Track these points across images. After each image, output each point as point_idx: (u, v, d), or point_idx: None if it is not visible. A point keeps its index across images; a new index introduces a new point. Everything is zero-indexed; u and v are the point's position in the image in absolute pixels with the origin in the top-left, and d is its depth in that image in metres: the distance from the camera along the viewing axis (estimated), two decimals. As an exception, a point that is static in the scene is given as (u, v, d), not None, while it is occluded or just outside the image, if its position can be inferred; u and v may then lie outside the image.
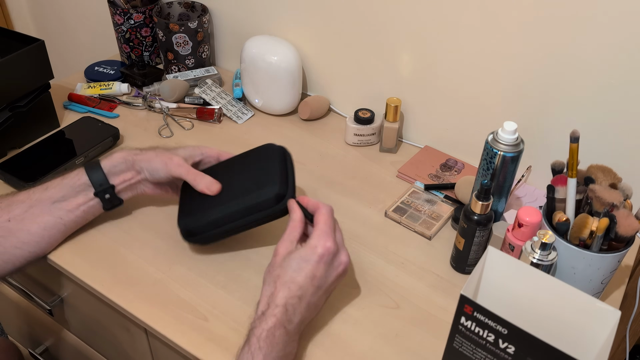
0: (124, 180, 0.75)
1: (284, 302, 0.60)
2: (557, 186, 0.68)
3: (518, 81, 0.87)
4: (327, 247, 0.63)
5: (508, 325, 0.51)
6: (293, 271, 0.62)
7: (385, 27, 0.96)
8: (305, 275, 0.62)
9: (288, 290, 0.61)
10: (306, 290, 0.62)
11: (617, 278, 0.77)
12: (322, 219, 0.66)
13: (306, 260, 0.62)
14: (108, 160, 0.75)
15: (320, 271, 0.63)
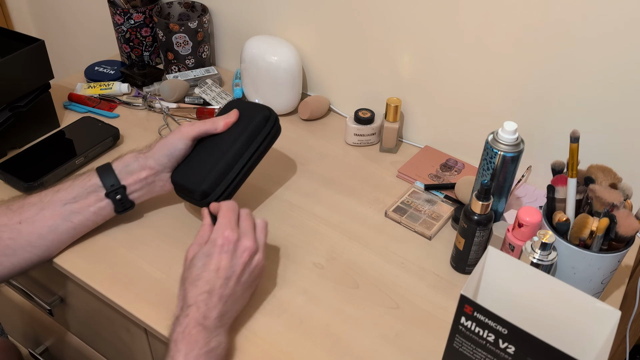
0: (138, 179, 0.75)
1: (194, 300, 0.60)
2: (557, 186, 0.68)
3: (518, 81, 0.87)
4: (225, 236, 0.64)
5: (508, 325, 0.51)
6: (197, 269, 0.63)
7: (385, 27, 0.96)
8: (210, 269, 0.62)
9: (195, 288, 0.61)
10: (214, 284, 0.62)
11: (617, 278, 0.77)
12: (221, 213, 0.67)
13: (208, 255, 0.63)
14: (119, 161, 0.75)
15: (223, 262, 0.63)
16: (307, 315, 0.70)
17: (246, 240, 0.65)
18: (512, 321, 0.50)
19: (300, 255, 0.78)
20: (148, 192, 0.78)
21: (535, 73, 0.85)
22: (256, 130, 0.80)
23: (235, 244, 0.64)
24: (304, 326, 0.68)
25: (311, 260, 0.78)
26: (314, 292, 0.73)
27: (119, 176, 0.74)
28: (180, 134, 0.76)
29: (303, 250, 0.79)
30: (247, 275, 0.65)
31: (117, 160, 0.75)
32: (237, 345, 0.66)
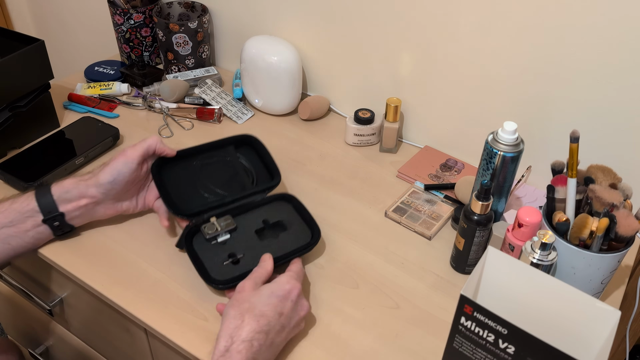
0: (77, 207, 0.73)
1: (251, 336, 0.58)
2: (557, 186, 0.68)
3: (518, 81, 0.87)
4: (296, 286, 0.65)
5: (508, 326, 0.51)
6: (263, 304, 0.61)
7: (385, 27, 0.96)
8: (274, 310, 0.61)
9: (257, 324, 0.59)
10: (273, 327, 0.60)
11: (617, 278, 0.77)
12: (295, 267, 0.69)
13: (276, 295, 0.62)
14: (59, 186, 0.72)
15: (287, 308, 0.62)
16: (307, 316, 0.70)
17: (305, 301, 0.66)
18: (512, 321, 0.50)
19: (300, 255, 0.78)
20: (89, 217, 0.76)
21: (535, 73, 0.85)
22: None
23: (299, 298, 0.65)
24: (305, 326, 0.68)
25: (311, 261, 0.78)
26: (314, 292, 0.73)
27: (57, 202, 0.71)
28: (124, 157, 0.73)
29: (303, 250, 0.79)
30: (293, 333, 0.65)
31: (57, 184, 0.72)
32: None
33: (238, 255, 0.73)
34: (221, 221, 0.75)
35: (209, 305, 0.70)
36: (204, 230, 0.73)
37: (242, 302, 0.61)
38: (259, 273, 0.67)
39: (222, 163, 0.83)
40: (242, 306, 0.61)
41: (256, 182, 0.82)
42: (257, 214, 0.78)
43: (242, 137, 0.85)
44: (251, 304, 0.61)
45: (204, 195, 0.78)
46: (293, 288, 0.64)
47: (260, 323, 0.59)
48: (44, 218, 0.71)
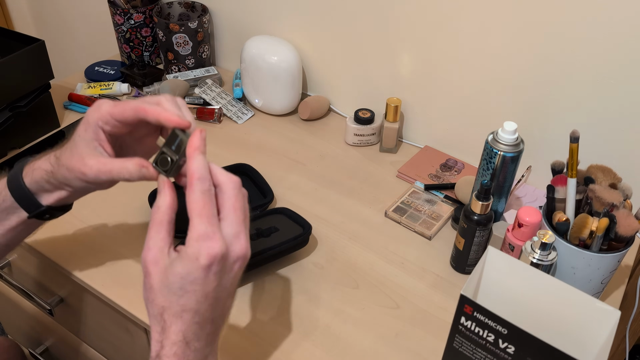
0: (59, 198, 0.58)
1: (182, 336, 0.47)
2: (557, 186, 0.68)
3: (518, 81, 0.87)
4: (212, 254, 0.46)
5: (508, 325, 0.51)
6: (179, 297, 0.47)
7: (385, 27, 0.96)
8: (197, 298, 0.47)
9: (182, 322, 0.47)
10: (204, 312, 0.48)
11: (617, 278, 0.77)
12: (195, 205, 0.47)
13: (191, 281, 0.46)
14: (31, 177, 0.58)
15: (212, 284, 0.47)
16: (307, 315, 0.70)
17: (238, 245, 0.49)
18: (512, 321, 0.50)
19: (300, 255, 0.78)
20: (81, 195, 0.60)
21: (535, 73, 0.85)
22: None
23: (224, 259, 0.47)
24: (304, 326, 0.68)
25: (311, 261, 0.78)
26: (314, 292, 0.73)
27: (37, 195, 0.58)
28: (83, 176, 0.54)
29: (303, 251, 0.79)
30: (237, 283, 0.52)
31: (29, 174, 0.58)
32: (237, 345, 0.66)
33: None
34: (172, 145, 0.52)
35: (209, 305, 0.70)
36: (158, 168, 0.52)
37: (154, 297, 0.47)
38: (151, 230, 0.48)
39: None
40: (156, 303, 0.47)
41: (250, 202, 0.84)
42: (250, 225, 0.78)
43: (237, 165, 0.89)
44: (164, 301, 0.47)
45: None
46: (209, 259, 0.46)
47: (186, 319, 0.47)
48: (29, 215, 0.59)
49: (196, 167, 0.48)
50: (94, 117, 0.53)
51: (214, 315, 0.50)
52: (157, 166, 0.51)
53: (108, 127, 0.53)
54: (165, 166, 0.51)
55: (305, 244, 0.77)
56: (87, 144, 0.53)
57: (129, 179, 0.52)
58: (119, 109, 0.52)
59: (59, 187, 0.58)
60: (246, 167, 0.89)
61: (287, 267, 0.76)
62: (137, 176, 0.52)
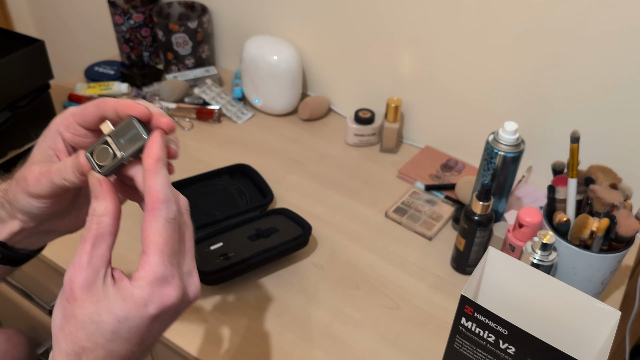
0: (11, 232, 0.47)
1: None
2: (557, 186, 0.68)
3: (519, 81, 0.87)
4: (166, 304, 0.38)
5: (508, 326, 0.51)
6: (108, 342, 0.37)
7: (385, 27, 0.96)
8: (130, 346, 0.38)
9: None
10: (132, 358, 0.39)
11: (617, 278, 0.77)
12: (156, 237, 0.39)
13: (129, 327, 0.37)
14: None
15: (152, 332, 0.39)
16: (307, 316, 0.70)
17: (192, 287, 0.41)
18: (512, 322, 0.50)
19: (300, 255, 0.78)
20: (46, 238, 0.51)
21: (535, 73, 0.85)
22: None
23: (176, 307, 0.39)
24: (304, 327, 0.68)
25: (311, 261, 0.78)
26: (314, 293, 0.73)
27: None
28: (25, 185, 0.45)
29: (303, 251, 0.79)
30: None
31: None
32: (237, 345, 0.66)
33: (229, 254, 0.73)
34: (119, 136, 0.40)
35: (208, 306, 0.70)
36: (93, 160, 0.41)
37: (74, 334, 0.37)
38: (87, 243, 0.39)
39: (217, 190, 0.86)
40: (75, 342, 0.37)
41: (250, 202, 0.85)
42: (250, 226, 0.78)
43: (237, 165, 0.89)
44: (88, 344, 0.37)
45: (198, 217, 0.79)
46: (159, 309, 0.38)
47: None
48: None
49: (160, 186, 0.38)
50: (55, 122, 0.45)
51: (141, 358, 0.41)
52: (91, 157, 0.40)
53: (68, 134, 0.44)
54: (103, 160, 0.39)
55: (305, 245, 0.77)
56: (42, 152, 0.45)
57: (66, 178, 0.42)
58: (81, 108, 0.43)
59: (11, 215, 0.47)
60: (246, 167, 0.89)
61: (287, 267, 0.76)
62: (71, 170, 0.41)
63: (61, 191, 0.44)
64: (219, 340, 0.66)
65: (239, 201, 0.84)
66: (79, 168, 0.41)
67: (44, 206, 0.45)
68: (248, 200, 0.85)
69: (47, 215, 0.46)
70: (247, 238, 0.76)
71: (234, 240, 0.75)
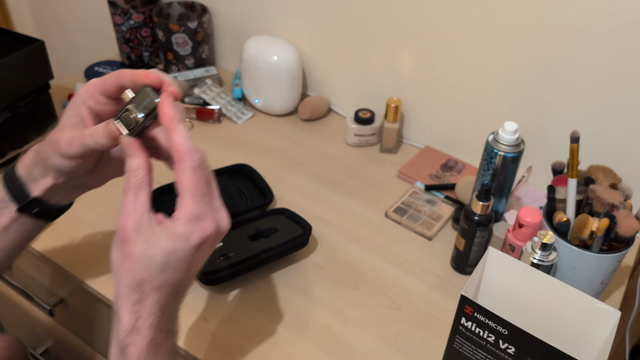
0: (45, 187, 0.54)
1: (158, 308, 0.46)
2: (557, 186, 0.68)
3: (519, 81, 0.87)
4: (204, 236, 0.46)
5: (508, 326, 0.51)
6: (161, 272, 0.45)
7: (385, 27, 0.96)
8: (179, 274, 0.46)
9: (160, 294, 0.46)
10: (183, 285, 0.48)
11: (617, 278, 0.77)
12: (188, 184, 0.45)
13: (177, 258, 0.45)
14: (21, 161, 0.55)
15: (196, 261, 0.48)
16: (307, 316, 0.70)
17: (223, 220, 0.48)
18: (512, 322, 0.50)
19: (300, 255, 0.78)
20: (75, 193, 0.59)
21: (535, 73, 0.85)
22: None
23: (213, 237, 0.47)
24: (304, 327, 0.68)
25: (311, 261, 0.78)
26: (314, 293, 0.73)
27: (27, 184, 0.55)
28: (58, 147, 0.52)
29: (303, 251, 0.79)
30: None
31: (21, 161, 0.56)
32: (237, 345, 0.66)
33: (229, 254, 0.73)
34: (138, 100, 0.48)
35: (208, 306, 0.70)
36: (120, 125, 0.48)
37: (131, 266, 0.45)
38: (130, 193, 0.46)
39: None
40: (134, 275, 0.45)
41: (250, 202, 0.85)
42: (250, 226, 0.78)
43: (236, 166, 0.89)
44: (144, 273, 0.45)
45: None
46: (200, 239, 0.46)
47: (164, 292, 0.46)
48: (18, 207, 0.55)
49: (181, 140, 0.45)
50: (79, 93, 0.52)
51: (189, 284, 0.49)
52: (119, 123, 0.47)
53: (92, 102, 0.51)
54: (129, 124, 0.47)
55: (305, 245, 0.77)
56: (69, 119, 0.52)
57: (98, 142, 0.49)
58: (102, 79, 0.50)
59: (44, 173, 0.54)
60: (246, 167, 0.89)
61: (287, 267, 0.76)
62: (103, 135, 0.48)
63: (91, 153, 0.51)
64: (219, 340, 0.66)
65: (239, 201, 0.84)
66: (111, 134, 0.48)
67: (73, 165, 0.52)
68: (248, 200, 0.85)
69: (76, 172, 0.54)
70: (247, 238, 0.76)
71: (234, 240, 0.75)
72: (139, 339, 0.46)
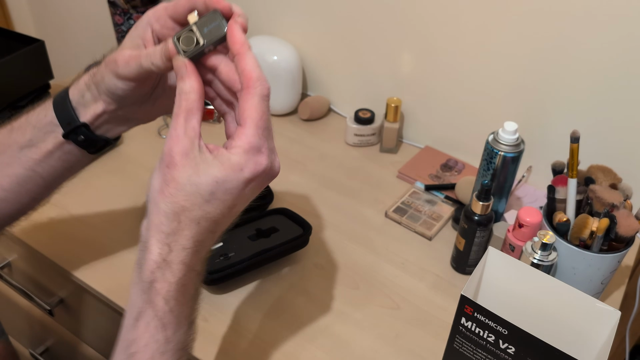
0: (95, 114, 0.53)
1: (193, 243, 0.43)
2: (557, 186, 0.68)
3: (519, 81, 0.87)
4: (258, 170, 0.43)
5: (508, 326, 0.51)
6: (205, 202, 0.42)
7: (385, 27, 0.96)
8: (222, 209, 0.43)
9: (198, 229, 0.43)
10: (222, 222, 0.45)
11: (617, 278, 0.77)
12: (253, 112, 0.43)
13: (225, 189, 0.42)
14: (76, 86, 0.54)
15: (243, 198, 0.45)
16: (308, 316, 0.70)
17: (276, 161, 0.46)
18: (512, 322, 0.50)
19: (300, 255, 0.78)
20: (123, 125, 0.56)
21: (535, 73, 0.85)
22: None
23: (265, 175, 0.45)
24: (304, 327, 0.68)
25: (311, 261, 0.78)
26: (314, 293, 0.73)
27: (77, 109, 0.53)
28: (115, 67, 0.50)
29: (303, 251, 0.79)
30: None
31: (75, 84, 0.55)
32: (237, 345, 0.66)
33: (229, 254, 0.73)
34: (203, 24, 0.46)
35: (208, 306, 0.70)
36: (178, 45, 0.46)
37: (174, 195, 0.42)
38: (180, 115, 0.43)
39: None
40: (174, 202, 0.42)
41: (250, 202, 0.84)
42: (250, 226, 0.78)
43: None
44: (186, 201, 0.42)
45: None
46: (253, 173, 0.43)
47: (203, 226, 0.43)
48: (64, 132, 0.53)
49: (252, 66, 0.43)
50: (147, 14, 0.50)
51: (227, 225, 0.46)
52: (177, 42, 0.45)
53: (158, 25, 0.49)
54: (188, 46, 0.45)
55: (305, 245, 0.77)
56: (132, 40, 0.50)
57: (154, 62, 0.47)
58: (173, 2, 0.49)
59: (96, 98, 0.52)
60: None
61: (287, 267, 0.76)
62: (159, 55, 0.46)
63: (146, 75, 0.49)
64: (219, 340, 0.66)
65: None
66: (167, 52, 0.46)
67: (127, 88, 0.50)
68: None
69: (129, 99, 0.51)
70: (247, 238, 0.76)
71: (234, 240, 0.75)
72: (169, 274, 0.42)
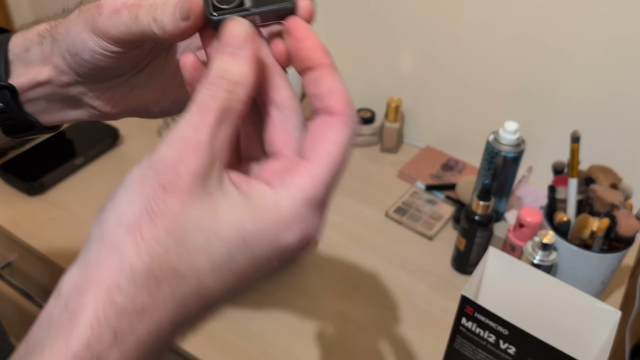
0: (34, 81, 0.36)
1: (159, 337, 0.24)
2: (558, 186, 0.68)
3: (519, 81, 0.87)
4: (310, 235, 0.26)
5: (509, 326, 0.51)
6: (211, 270, 0.24)
7: (386, 27, 0.96)
8: (231, 285, 0.25)
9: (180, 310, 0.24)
10: (216, 304, 0.25)
11: (617, 278, 0.77)
12: (335, 148, 0.26)
13: (252, 256, 0.24)
14: (24, 32, 0.38)
15: (266, 272, 0.26)
16: (308, 316, 0.70)
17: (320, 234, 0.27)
18: (512, 322, 0.50)
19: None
20: (65, 110, 0.38)
21: (536, 73, 0.85)
22: None
23: (307, 247, 0.27)
24: (304, 327, 0.68)
25: (312, 261, 0.78)
26: (315, 293, 0.73)
27: (13, 64, 0.36)
28: (94, 16, 0.31)
29: (303, 251, 0.79)
30: None
31: (24, 30, 0.39)
32: (237, 345, 0.66)
33: None
34: None
35: (209, 305, 0.70)
36: None
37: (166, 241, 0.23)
38: (219, 117, 0.24)
39: None
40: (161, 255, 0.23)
41: None
42: None
43: None
44: (183, 263, 0.23)
45: None
46: (301, 242, 0.25)
47: (188, 309, 0.24)
48: None
49: (344, 88, 0.29)
50: None
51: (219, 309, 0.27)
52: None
53: None
54: (224, 3, 0.27)
55: None
56: None
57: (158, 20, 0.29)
58: None
59: (45, 58, 0.35)
60: None
61: (287, 267, 0.76)
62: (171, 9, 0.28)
63: (138, 40, 0.31)
64: (219, 340, 0.66)
65: None
66: (186, 7, 0.27)
67: (100, 55, 0.32)
68: None
69: (95, 72, 0.34)
70: None
71: None
72: None
